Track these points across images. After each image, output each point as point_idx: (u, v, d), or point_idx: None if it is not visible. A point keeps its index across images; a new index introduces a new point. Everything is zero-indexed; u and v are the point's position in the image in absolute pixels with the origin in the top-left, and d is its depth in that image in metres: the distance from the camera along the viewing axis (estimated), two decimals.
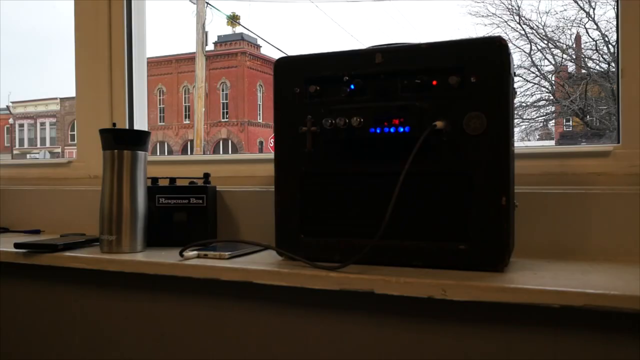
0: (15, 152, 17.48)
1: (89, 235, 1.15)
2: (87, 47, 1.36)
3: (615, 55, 0.99)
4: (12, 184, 1.43)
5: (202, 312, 0.92)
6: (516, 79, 1.20)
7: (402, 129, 0.76)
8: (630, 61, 0.92)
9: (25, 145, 17.75)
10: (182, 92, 15.80)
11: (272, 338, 0.87)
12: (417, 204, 0.78)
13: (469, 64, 0.74)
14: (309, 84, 0.83)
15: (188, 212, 1.03)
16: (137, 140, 0.97)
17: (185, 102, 15.76)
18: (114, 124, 1.06)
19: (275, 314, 0.86)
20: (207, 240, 1.02)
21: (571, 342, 0.70)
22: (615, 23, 0.97)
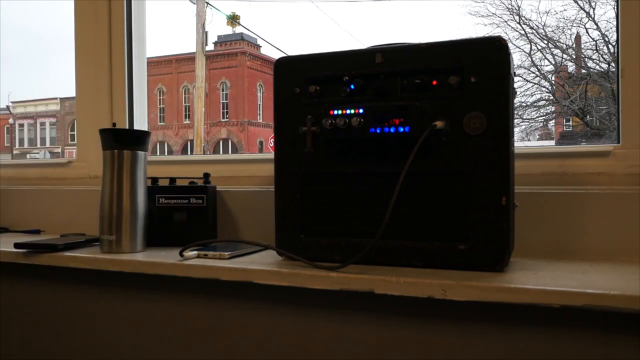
0: (15, 152, 17.48)
1: (89, 235, 1.15)
2: (87, 47, 1.36)
3: (615, 55, 0.99)
4: (12, 184, 1.43)
5: (202, 312, 0.92)
6: (516, 79, 1.20)
7: (402, 129, 0.76)
8: (630, 61, 0.92)
9: (25, 145, 17.75)
10: (182, 92, 15.79)
11: (272, 338, 0.87)
12: (417, 204, 0.78)
13: (469, 64, 0.74)
14: (309, 84, 0.83)
15: (188, 212, 1.03)
16: (137, 140, 0.97)
17: (185, 102, 15.76)
18: (114, 124, 1.06)
19: (275, 314, 0.86)
20: (207, 240, 1.02)
21: (571, 342, 0.70)
22: (615, 23, 0.97)
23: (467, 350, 0.75)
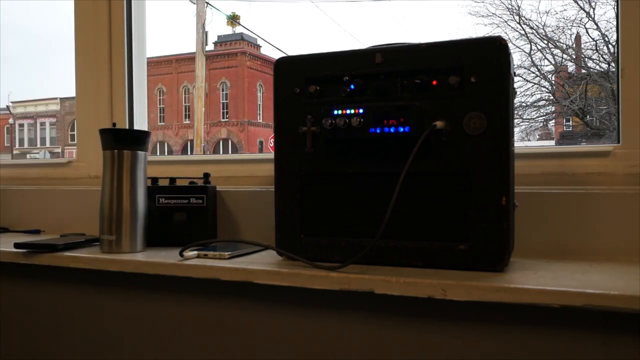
0: (15, 152, 17.48)
1: (89, 235, 1.15)
2: (87, 47, 1.36)
3: (615, 55, 0.99)
4: (12, 184, 1.43)
5: (202, 312, 0.92)
6: (516, 79, 1.20)
7: (402, 129, 0.76)
8: (630, 61, 0.92)
9: (25, 145, 17.75)
10: (182, 92, 15.80)
11: (272, 338, 0.87)
12: (417, 204, 0.78)
13: (469, 64, 0.74)
14: (309, 84, 0.83)
15: (188, 212, 1.03)
16: (137, 140, 0.97)
17: (185, 102, 15.76)
18: (114, 124, 1.06)
19: (275, 314, 0.86)
20: (207, 240, 1.02)
21: (571, 342, 0.70)
22: (615, 23, 0.97)
23: (467, 350, 0.75)
